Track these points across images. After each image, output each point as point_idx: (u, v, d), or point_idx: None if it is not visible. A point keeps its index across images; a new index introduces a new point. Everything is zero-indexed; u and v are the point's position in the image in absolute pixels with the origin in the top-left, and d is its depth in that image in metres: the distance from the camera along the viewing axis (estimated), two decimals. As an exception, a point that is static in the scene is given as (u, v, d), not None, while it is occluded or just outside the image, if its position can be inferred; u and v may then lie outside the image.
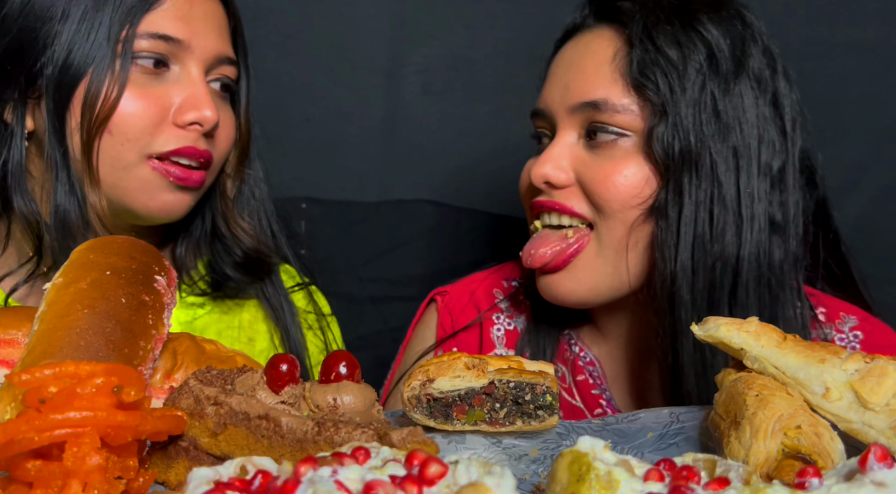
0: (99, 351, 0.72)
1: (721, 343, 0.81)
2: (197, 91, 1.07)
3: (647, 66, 1.01)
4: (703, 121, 1.00)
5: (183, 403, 0.68)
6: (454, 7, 1.67)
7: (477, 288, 1.29)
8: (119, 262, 0.82)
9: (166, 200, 1.08)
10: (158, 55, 1.05)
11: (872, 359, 0.73)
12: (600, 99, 1.03)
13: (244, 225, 1.21)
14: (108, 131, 1.03)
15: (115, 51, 1.02)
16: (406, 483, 0.49)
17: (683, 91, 1.00)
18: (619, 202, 1.02)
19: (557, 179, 1.06)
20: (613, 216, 1.03)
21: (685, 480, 0.52)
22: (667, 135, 1.00)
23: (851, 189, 1.74)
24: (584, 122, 1.06)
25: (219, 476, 0.54)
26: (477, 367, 0.79)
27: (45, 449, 0.59)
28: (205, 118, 1.06)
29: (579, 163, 1.06)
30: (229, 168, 1.19)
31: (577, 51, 1.10)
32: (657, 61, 1.01)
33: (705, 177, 1.00)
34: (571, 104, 1.06)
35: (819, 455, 0.65)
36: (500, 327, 1.25)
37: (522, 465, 0.76)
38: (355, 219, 1.69)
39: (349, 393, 0.67)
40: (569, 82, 1.07)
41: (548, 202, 1.08)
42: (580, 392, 1.18)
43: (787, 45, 1.69)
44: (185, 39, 1.06)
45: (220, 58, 1.11)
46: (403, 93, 1.67)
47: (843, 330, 1.15)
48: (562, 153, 1.07)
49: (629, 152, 1.03)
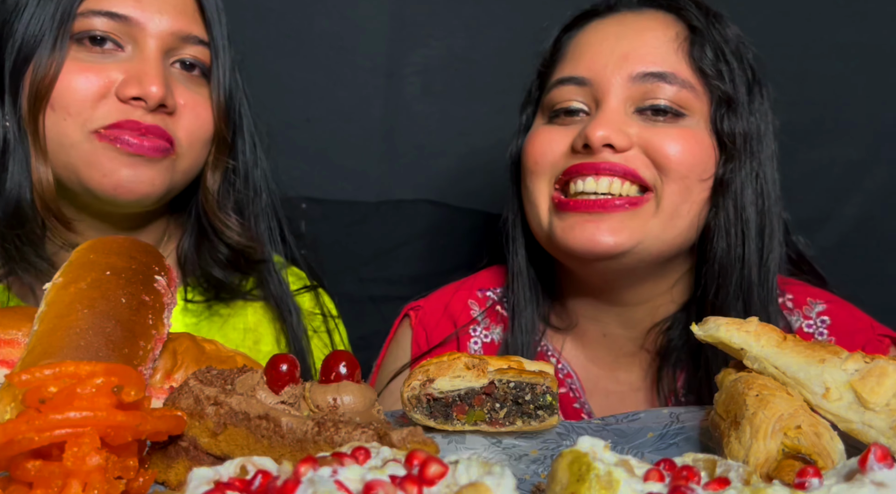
0: (99, 351, 0.72)
1: (721, 343, 0.81)
2: (144, 66, 1.05)
3: (716, 56, 1.05)
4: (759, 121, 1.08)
5: (183, 403, 0.68)
6: (454, 7, 1.67)
7: (450, 300, 1.26)
8: (119, 262, 0.82)
9: (121, 174, 1.03)
10: (107, 32, 1.04)
11: (872, 359, 0.73)
12: (668, 71, 1.04)
13: (227, 219, 1.17)
14: (50, 107, 1.03)
15: (58, 29, 1.02)
16: (406, 483, 0.49)
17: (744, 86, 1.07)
18: (687, 168, 1.03)
19: (620, 141, 1.02)
20: (678, 181, 1.03)
21: (685, 480, 0.52)
22: (732, 120, 1.05)
23: (851, 189, 1.74)
24: (642, 95, 1.04)
25: (219, 476, 0.54)
26: (477, 367, 0.79)
27: (45, 449, 0.59)
28: (148, 93, 1.03)
29: (636, 128, 1.04)
30: (210, 158, 1.16)
31: (628, 26, 1.08)
32: (723, 52, 1.06)
33: (761, 161, 1.08)
34: (633, 73, 1.04)
35: (819, 455, 0.65)
36: (477, 340, 1.22)
37: (522, 465, 0.76)
38: (355, 219, 1.69)
39: (349, 393, 0.67)
40: (628, 52, 1.04)
41: (604, 164, 1.02)
42: (561, 405, 1.16)
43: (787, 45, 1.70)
44: (133, 17, 1.05)
45: (181, 36, 1.09)
46: (403, 93, 1.67)
47: (810, 316, 1.15)
48: (620, 119, 1.03)
49: (691, 127, 1.05)
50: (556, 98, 1.09)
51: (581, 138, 1.03)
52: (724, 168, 1.05)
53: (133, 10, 1.05)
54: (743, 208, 1.06)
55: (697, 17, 1.07)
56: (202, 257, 1.19)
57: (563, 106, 1.08)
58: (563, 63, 1.12)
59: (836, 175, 1.73)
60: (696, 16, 1.07)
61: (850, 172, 1.73)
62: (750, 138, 1.06)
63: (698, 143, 1.04)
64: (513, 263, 1.18)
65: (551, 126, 1.10)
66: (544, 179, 1.08)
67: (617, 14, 1.12)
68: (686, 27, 1.07)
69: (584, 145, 1.03)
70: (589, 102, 1.07)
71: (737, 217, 1.06)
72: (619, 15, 1.11)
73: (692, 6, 1.09)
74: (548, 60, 1.16)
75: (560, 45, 1.15)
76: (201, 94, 1.12)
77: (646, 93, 1.04)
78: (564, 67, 1.11)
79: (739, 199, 1.06)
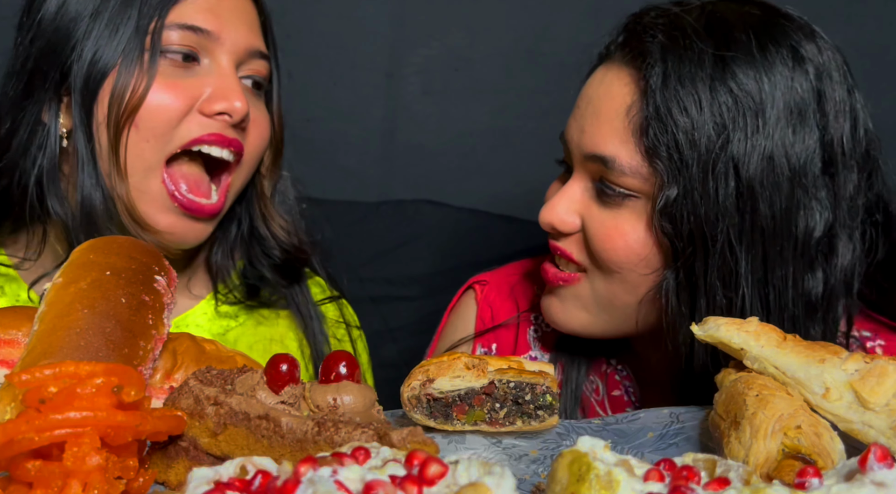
0: (99, 351, 0.72)
1: (721, 343, 0.81)
2: (227, 82, 1.05)
3: (658, 132, 0.91)
4: (721, 193, 0.90)
5: (183, 403, 0.68)
6: (454, 7, 1.67)
7: (517, 281, 1.24)
8: (119, 262, 0.82)
9: (174, 222, 1.06)
10: (187, 47, 1.04)
11: (872, 359, 0.73)
12: (609, 156, 0.95)
13: (283, 223, 1.20)
14: (134, 126, 1.02)
15: (143, 44, 1.02)
16: (406, 483, 0.49)
17: (698, 159, 0.90)
18: (616, 263, 0.98)
19: (564, 227, 1.02)
20: (610, 273, 0.99)
21: (685, 480, 0.52)
22: (676, 208, 0.91)
23: (851, 189, 1.74)
24: (595, 173, 1.00)
25: (219, 476, 0.54)
26: (477, 367, 0.79)
27: (45, 449, 0.59)
28: (234, 109, 1.04)
29: (587, 212, 1.01)
30: (264, 167, 1.18)
31: (598, 89, 1.01)
32: (668, 125, 0.91)
33: (721, 259, 0.91)
34: (584, 152, 0.99)
35: (819, 455, 0.65)
36: (538, 328, 1.21)
37: (522, 465, 0.76)
38: (355, 219, 1.69)
39: (349, 393, 0.67)
40: (585, 126, 1.00)
41: (555, 245, 1.05)
42: (612, 406, 1.14)
43: (787, 45, 1.69)
44: (214, 30, 1.05)
45: (251, 51, 1.10)
46: (403, 93, 1.67)
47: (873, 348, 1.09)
48: (572, 199, 1.02)
49: (636, 213, 0.96)
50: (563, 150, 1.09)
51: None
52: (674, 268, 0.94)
53: (214, 24, 1.05)
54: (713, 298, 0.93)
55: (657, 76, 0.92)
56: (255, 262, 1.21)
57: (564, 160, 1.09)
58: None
59: (837, 175, 1.73)
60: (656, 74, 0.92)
61: (850, 172, 1.73)
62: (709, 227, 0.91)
63: (636, 239, 0.96)
64: None
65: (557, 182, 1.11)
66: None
67: (603, 66, 1.03)
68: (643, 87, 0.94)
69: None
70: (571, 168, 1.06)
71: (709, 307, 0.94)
72: (603, 68, 1.02)
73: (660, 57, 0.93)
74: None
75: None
76: (261, 108, 1.14)
77: (597, 172, 0.99)
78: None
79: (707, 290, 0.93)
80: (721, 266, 0.92)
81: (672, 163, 0.91)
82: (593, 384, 1.15)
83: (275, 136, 1.17)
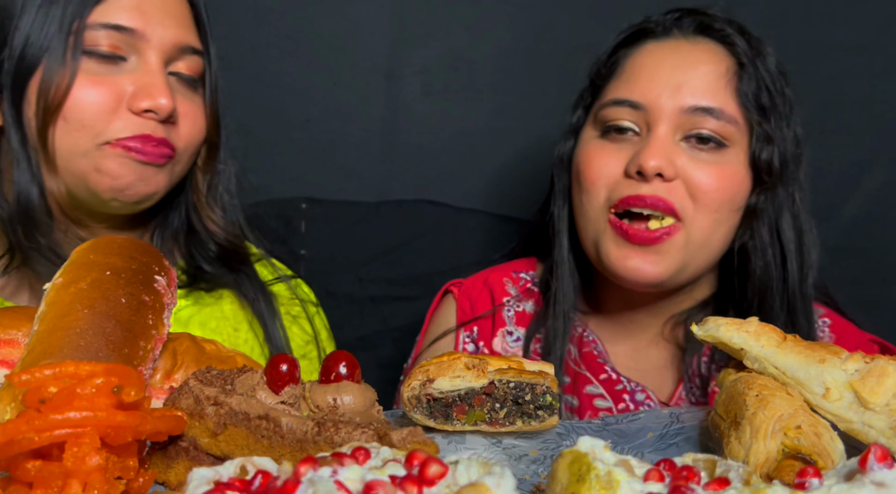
0: (99, 351, 0.72)
1: (721, 343, 0.81)
2: (152, 79, 1.07)
3: (760, 92, 1.15)
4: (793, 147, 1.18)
5: (183, 403, 0.68)
6: (454, 7, 1.67)
7: (488, 277, 1.38)
8: (119, 262, 0.82)
9: (130, 180, 1.08)
10: (111, 45, 1.06)
11: (872, 359, 0.73)
12: (717, 107, 1.13)
13: (216, 219, 1.21)
14: (62, 118, 1.04)
15: (67, 42, 1.04)
16: (406, 484, 0.49)
17: (782, 124, 1.16)
18: (719, 201, 1.13)
19: (669, 172, 1.12)
20: (710, 213, 1.13)
21: (685, 480, 0.52)
22: (770, 151, 1.15)
23: (851, 189, 1.74)
24: (690, 125, 1.14)
25: (219, 476, 0.54)
26: (477, 367, 0.79)
27: (45, 449, 0.59)
28: (159, 106, 1.06)
29: (682, 159, 1.13)
30: (200, 161, 1.20)
31: (683, 56, 1.17)
32: (765, 89, 1.15)
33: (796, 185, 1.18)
34: (685, 105, 1.13)
35: (819, 456, 0.65)
36: (510, 309, 1.33)
37: (522, 465, 0.76)
38: (355, 219, 1.69)
39: (349, 393, 0.67)
40: (682, 84, 1.14)
41: (651, 197, 1.12)
42: (585, 360, 1.28)
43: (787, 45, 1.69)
44: (138, 28, 1.07)
45: (179, 47, 1.11)
46: (403, 93, 1.67)
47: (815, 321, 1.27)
48: (669, 147, 1.13)
49: (731, 158, 1.14)
50: (609, 115, 1.19)
51: (635, 165, 1.13)
52: (758, 197, 1.16)
53: (138, 21, 1.07)
54: (781, 231, 1.17)
55: (746, 52, 1.16)
56: (193, 253, 1.23)
57: (616, 123, 1.18)
58: (618, 81, 1.21)
59: (836, 175, 1.73)
60: (744, 51, 1.16)
61: (850, 172, 1.73)
62: (785, 167, 1.16)
63: (734, 176, 1.14)
64: (560, 251, 1.29)
65: (604, 141, 1.20)
66: (599, 200, 1.19)
67: (672, 40, 1.20)
68: (735, 62, 1.16)
69: (637, 171, 1.13)
70: (640, 124, 1.17)
71: (773, 239, 1.17)
72: (675, 41, 1.20)
73: (741, 40, 1.17)
74: (602, 72, 1.25)
75: (616, 59, 1.24)
76: (196, 102, 1.16)
77: (694, 124, 1.14)
78: (620, 87, 1.20)
79: (775, 223, 1.17)
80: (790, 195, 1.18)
81: (762, 112, 1.15)
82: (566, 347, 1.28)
83: (210, 131, 1.18)
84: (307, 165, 1.66)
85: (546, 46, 1.67)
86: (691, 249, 1.14)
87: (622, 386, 1.25)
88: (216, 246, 1.22)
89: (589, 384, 1.26)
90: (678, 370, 1.25)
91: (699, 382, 1.22)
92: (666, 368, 1.27)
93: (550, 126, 1.40)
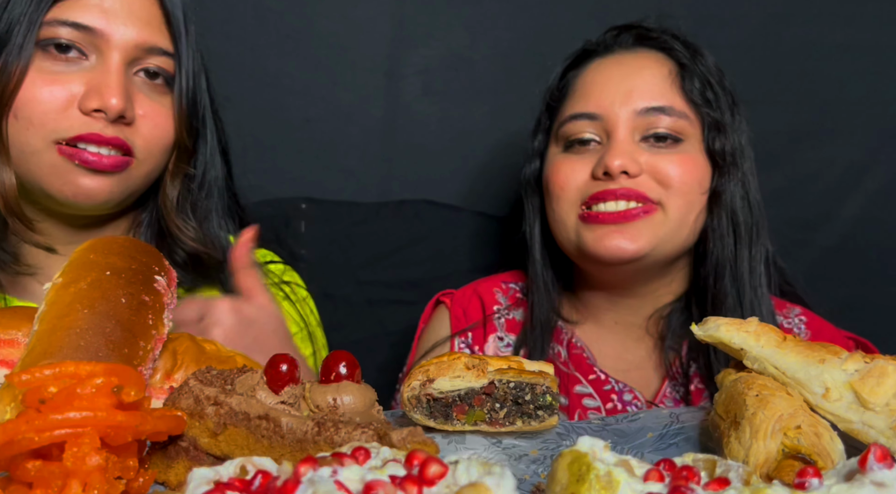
0: (99, 351, 0.72)
1: (721, 343, 0.81)
2: (106, 78, 1.05)
3: (704, 87, 1.25)
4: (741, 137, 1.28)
5: (183, 403, 0.68)
6: (454, 7, 1.67)
7: (478, 287, 1.45)
8: (119, 262, 0.82)
9: (81, 184, 1.06)
10: (71, 42, 1.05)
11: (872, 359, 0.73)
12: (667, 105, 1.23)
13: (184, 227, 1.19)
14: (13, 115, 1.04)
15: (25, 36, 1.03)
16: (406, 484, 0.49)
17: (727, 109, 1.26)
18: (688, 186, 1.22)
19: (633, 168, 1.20)
20: (681, 196, 1.22)
21: (685, 480, 0.52)
22: (722, 140, 1.25)
23: (851, 189, 1.74)
24: (646, 125, 1.23)
25: (219, 476, 0.54)
26: (477, 367, 0.79)
27: (45, 449, 0.59)
28: (108, 106, 1.04)
29: (645, 157, 1.22)
30: (171, 165, 1.17)
31: (627, 65, 1.27)
32: (708, 84, 1.25)
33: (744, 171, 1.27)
34: (638, 108, 1.22)
35: (819, 455, 0.65)
36: (501, 316, 1.41)
37: (522, 465, 0.76)
38: (355, 220, 1.68)
39: (349, 393, 0.67)
40: (631, 90, 1.23)
41: (621, 189, 1.20)
42: (574, 361, 1.34)
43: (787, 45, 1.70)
44: (100, 28, 1.05)
45: (145, 48, 1.09)
46: (403, 93, 1.67)
47: (790, 316, 1.35)
48: (630, 148, 1.22)
49: (689, 148, 1.24)
50: (570, 130, 1.28)
51: (601, 167, 1.21)
52: (717, 181, 1.25)
53: (99, 21, 1.06)
54: (734, 213, 1.26)
55: (684, 53, 1.26)
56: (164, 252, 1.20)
57: (577, 137, 1.28)
58: (572, 99, 1.30)
59: (836, 175, 1.73)
60: (682, 53, 1.26)
61: (850, 172, 1.73)
62: (736, 153, 1.26)
63: (695, 164, 1.24)
64: (533, 265, 1.38)
65: (568, 155, 1.29)
66: (570, 202, 1.27)
67: (615, 54, 1.30)
68: (675, 64, 1.26)
69: (603, 172, 1.21)
70: (600, 133, 1.26)
71: (728, 221, 1.26)
72: (618, 55, 1.30)
73: (678, 44, 1.27)
74: (556, 94, 1.35)
75: (567, 81, 1.34)
76: (163, 104, 1.13)
77: (649, 124, 1.23)
78: (575, 103, 1.29)
79: (730, 205, 1.25)
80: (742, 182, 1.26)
81: (709, 105, 1.25)
82: (555, 349, 1.35)
83: (179, 134, 1.15)
84: (307, 165, 1.65)
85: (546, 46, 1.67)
86: (669, 227, 1.22)
87: (610, 387, 1.30)
88: (185, 253, 1.19)
89: (578, 384, 1.31)
90: (663, 367, 1.31)
91: (680, 378, 1.29)
92: (651, 366, 1.32)
93: (550, 126, 1.41)
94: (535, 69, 1.41)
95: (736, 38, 1.66)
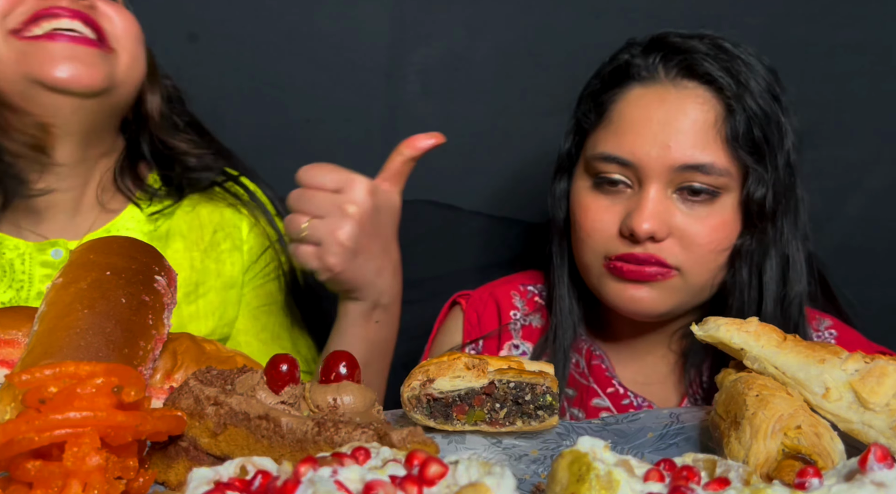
0: (99, 351, 0.72)
1: (721, 343, 0.81)
2: None
3: (750, 129, 1.12)
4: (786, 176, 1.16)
5: (183, 403, 0.68)
6: (454, 7, 1.66)
7: (495, 288, 1.40)
8: (119, 262, 0.82)
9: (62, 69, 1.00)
10: None
11: (872, 359, 0.73)
12: (707, 163, 1.11)
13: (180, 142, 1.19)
14: None
15: None
16: (406, 484, 0.49)
17: (775, 157, 1.14)
18: (711, 249, 1.13)
19: (662, 233, 1.12)
20: (703, 263, 1.14)
21: (685, 480, 0.52)
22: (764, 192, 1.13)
23: (851, 189, 1.74)
24: (682, 180, 1.12)
25: (219, 476, 0.54)
26: (477, 367, 0.79)
27: (45, 449, 0.59)
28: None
29: (675, 216, 1.13)
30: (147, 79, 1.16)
31: (669, 105, 1.14)
32: (756, 123, 1.12)
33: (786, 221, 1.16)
34: (674, 164, 1.11)
35: (819, 456, 0.65)
36: (517, 322, 1.35)
37: (522, 465, 0.76)
38: (355, 219, 1.68)
39: (349, 393, 0.67)
40: (669, 142, 1.12)
41: (643, 254, 1.13)
42: (593, 373, 1.29)
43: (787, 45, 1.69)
44: None
45: None
46: (403, 93, 1.67)
47: (819, 329, 1.27)
48: (661, 208, 1.13)
49: (723, 205, 1.14)
50: (600, 168, 1.18)
51: (627, 227, 1.13)
52: (743, 239, 1.15)
53: None
54: (762, 270, 1.16)
55: (731, 89, 1.12)
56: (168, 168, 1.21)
57: (607, 176, 1.18)
58: (606, 131, 1.18)
59: (836, 175, 1.73)
60: (730, 89, 1.12)
61: (850, 172, 1.73)
62: (778, 202, 1.14)
63: (726, 224, 1.14)
64: (558, 290, 1.30)
65: (597, 194, 1.19)
66: (596, 250, 1.19)
67: (657, 85, 1.17)
68: (723, 105, 1.13)
69: (629, 233, 1.14)
70: (631, 178, 1.16)
71: (751, 277, 1.16)
72: (661, 87, 1.16)
73: (725, 76, 1.13)
74: (590, 117, 1.23)
75: (602, 102, 1.21)
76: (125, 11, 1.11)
77: (685, 179, 1.12)
78: (608, 139, 1.17)
79: (757, 263, 1.16)
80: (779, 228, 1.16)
81: (754, 149, 1.13)
82: (573, 359, 1.31)
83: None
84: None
85: (546, 46, 1.67)
86: (688, 291, 1.16)
87: (629, 401, 1.26)
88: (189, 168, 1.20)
89: (596, 397, 1.27)
90: (683, 384, 1.26)
91: (702, 393, 1.23)
92: (672, 382, 1.29)
93: (551, 126, 1.40)
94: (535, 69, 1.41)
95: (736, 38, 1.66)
